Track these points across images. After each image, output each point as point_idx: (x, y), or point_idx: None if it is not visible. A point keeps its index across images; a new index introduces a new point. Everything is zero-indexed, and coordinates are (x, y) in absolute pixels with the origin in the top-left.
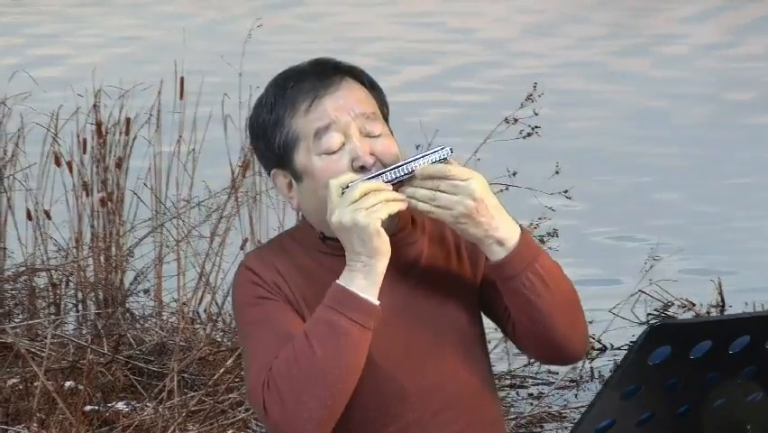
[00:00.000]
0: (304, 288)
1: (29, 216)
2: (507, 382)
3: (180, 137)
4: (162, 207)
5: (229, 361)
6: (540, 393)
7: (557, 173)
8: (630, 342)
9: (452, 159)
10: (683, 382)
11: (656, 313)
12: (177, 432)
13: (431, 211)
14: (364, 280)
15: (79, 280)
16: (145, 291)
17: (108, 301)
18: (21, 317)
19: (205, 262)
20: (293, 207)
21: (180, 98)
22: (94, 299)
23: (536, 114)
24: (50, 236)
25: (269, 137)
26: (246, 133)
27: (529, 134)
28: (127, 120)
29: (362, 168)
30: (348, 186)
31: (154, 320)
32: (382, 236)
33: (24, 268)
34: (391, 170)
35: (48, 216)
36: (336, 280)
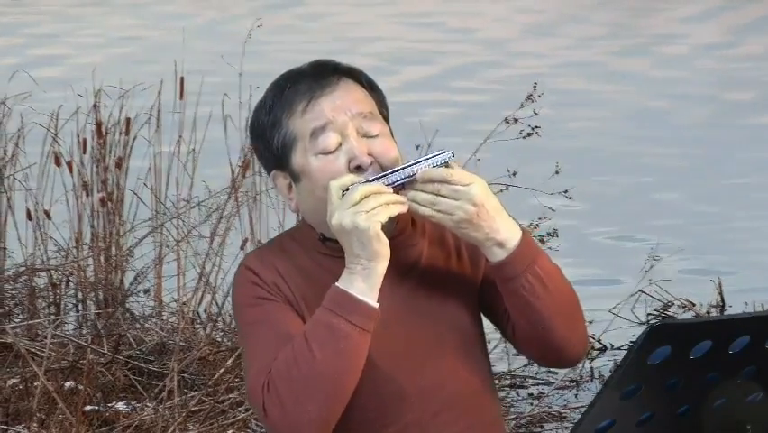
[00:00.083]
0: (304, 288)
1: (29, 216)
2: (507, 382)
3: (180, 137)
4: (162, 207)
5: (229, 361)
6: (540, 393)
7: (557, 173)
8: (630, 342)
9: (453, 162)
10: (683, 382)
11: (656, 313)
12: (177, 432)
13: (432, 215)
14: (363, 283)
15: (79, 280)
16: (145, 291)
17: (108, 301)
18: (21, 317)
19: (205, 262)
20: (291, 209)
21: (180, 98)
22: (94, 299)
23: (536, 114)
24: (50, 236)
25: (267, 138)
26: (246, 134)
27: (529, 134)
28: (127, 120)
29: (359, 168)
30: (348, 188)
31: (154, 320)
32: (382, 239)
33: (24, 268)
34: (393, 173)
35: (48, 216)
36: (335, 283)
